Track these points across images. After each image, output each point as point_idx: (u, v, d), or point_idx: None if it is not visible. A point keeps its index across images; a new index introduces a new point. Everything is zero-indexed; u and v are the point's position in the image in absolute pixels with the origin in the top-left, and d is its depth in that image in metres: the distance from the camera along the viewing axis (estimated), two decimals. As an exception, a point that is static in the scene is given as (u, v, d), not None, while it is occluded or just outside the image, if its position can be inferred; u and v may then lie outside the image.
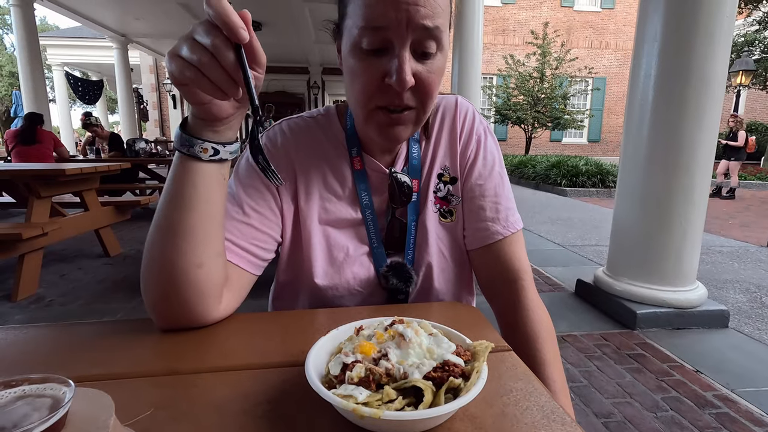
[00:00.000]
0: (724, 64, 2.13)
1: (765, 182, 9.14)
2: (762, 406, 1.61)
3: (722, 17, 2.06)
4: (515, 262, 0.65)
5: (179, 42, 0.42)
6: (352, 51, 0.54)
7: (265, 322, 0.59)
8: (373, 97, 0.55)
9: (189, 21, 8.74)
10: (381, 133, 0.58)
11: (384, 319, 0.45)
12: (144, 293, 0.52)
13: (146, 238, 0.52)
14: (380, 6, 0.50)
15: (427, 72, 0.53)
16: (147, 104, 14.60)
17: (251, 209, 0.61)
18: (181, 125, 0.48)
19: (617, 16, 15.91)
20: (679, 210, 2.23)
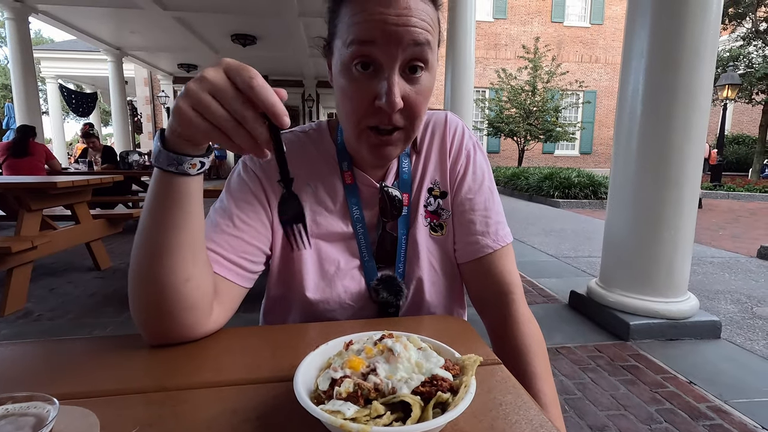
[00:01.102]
0: (710, 79, 2.19)
1: (753, 193, 9.28)
2: (755, 417, 1.61)
3: (707, 33, 2.11)
4: (505, 275, 0.66)
5: (196, 96, 0.40)
6: (342, 70, 0.55)
7: (256, 337, 0.59)
8: (363, 118, 0.56)
9: (185, 35, 8.81)
10: (372, 152, 0.59)
11: (373, 334, 0.45)
12: (132, 310, 0.52)
13: (131, 258, 0.51)
14: (369, 27, 0.51)
15: (415, 93, 0.55)
16: (141, 117, 14.60)
17: (241, 222, 0.61)
18: (161, 142, 0.46)
19: (606, 31, 16.27)
20: (669, 221, 2.25)
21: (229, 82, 0.40)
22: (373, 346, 0.41)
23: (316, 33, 5.26)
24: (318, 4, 7.01)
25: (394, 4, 0.51)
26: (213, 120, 0.40)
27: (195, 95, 0.40)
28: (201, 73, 0.41)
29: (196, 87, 0.40)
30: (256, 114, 0.40)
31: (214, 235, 0.59)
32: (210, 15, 7.61)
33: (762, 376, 1.93)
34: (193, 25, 8.31)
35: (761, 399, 1.74)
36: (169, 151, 0.45)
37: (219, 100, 0.40)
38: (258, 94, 0.39)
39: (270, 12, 7.40)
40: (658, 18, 2.18)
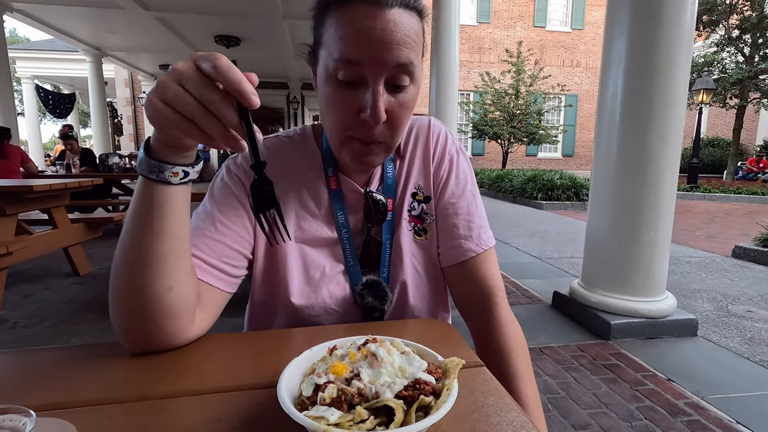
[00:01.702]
0: (685, 84, 2.25)
1: (728, 194, 9.57)
2: (730, 413, 1.66)
3: (681, 41, 2.18)
4: (488, 278, 0.67)
5: (164, 87, 0.40)
6: (327, 81, 0.55)
7: (239, 343, 0.58)
8: (347, 129, 0.57)
9: (167, 36, 8.68)
10: (355, 161, 0.60)
11: (357, 339, 0.45)
12: (113, 319, 0.51)
13: (112, 265, 0.50)
14: (355, 44, 0.51)
15: (398, 106, 0.55)
16: (121, 118, 14.31)
17: (224, 226, 0.61)
18: (145, 149, 0.46)
19: (586, 36, 16.62)
20: (648, 222, 2.31)
21: (195, 68, 0.40)
22: (356, 351, 0.41)
23: (300, 35, 5.31)
24: (302, 6, 7.01)
25: (380, 17, 0.51)
26: (180, 108, 0.40)
27: (163, 86, 0.40)
28: (171, 65, 0.41)
29: (164, 79, 0.40)
30: (223, 97, 0.39)
31: (196, 240, 0.59)
32: (193, 16, 7.52)
33: (736, 372, 2.00)
34: (175, 25, 8.19)
35: (736, 395, 1.79)
36: (152, 158, 0.45)
37: (186, 88, 0.39)
38: (222, 73, 0.38)
39: (254, 13, 7.34)
40: (635, 25, 2.24)
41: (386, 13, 0.51)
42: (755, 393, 1.81)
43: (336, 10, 0.53)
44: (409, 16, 0.53)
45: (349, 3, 0.52)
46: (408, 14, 0.53)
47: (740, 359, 2.13)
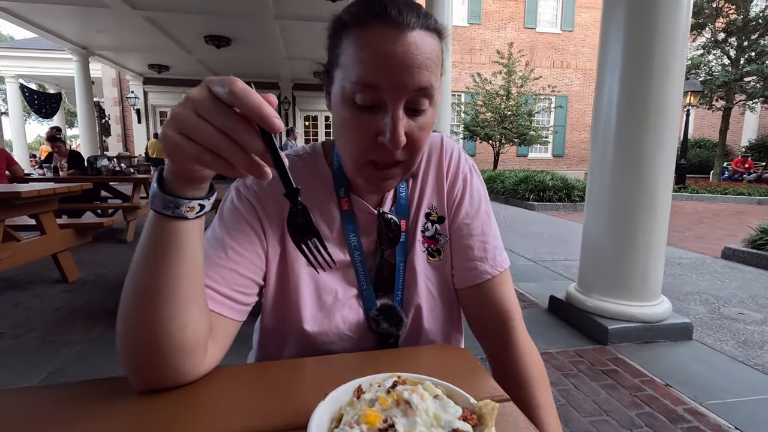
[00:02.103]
0: (679, 88, 2.27)
1: (715, 195, 9.73)
2: (728, 418, 1.67)
3: (676, 45, 2.19)
4: (504, 302, 0.65)
5: (180, 118, 0.37)
6: (344, 103, 0.53)
7: (252, 376, 0.56)
8: (364, 153, 0.55)
9: (156, 35, 8.56)
10: (371, 184, 0.58)
11: (383, 377, 0.43)
12: (122, 357, 0.48)
13: (121, 300, 0.47)
14: (375, 67, 0.49)
15: (418, 129, 0.54)
16: (109, 119, 14.09)
17: (235, 253, 0.58)
18: (158, 183, 0.43)
19: (576, 37, 16.76)
20: (643, 226, 2.33)
21: (211, 95, 0.37)
22: (386, 395, 0.39)
23: (292, 36, 5.28)
24: (293, 7, 6.96)
25: (401, 40, 0.49)
26: (201, 140, 0.37)
27: (178, 116, 0.37)
28: (187, 94, 0.38)
29: (179, 109, 0.37)
30: (246, 124, 0.37)
31: (207, 269, 0.56)
32: (182, 15, 7.41)
33: (732, 376, 2.02)
34: (164, 25, 8.07)
35: (733, 400, 1.81)
36: (166, 193, 0.42)
37: (204, 117, 0.37)
38: (239, 99, 0.36)
39: (245, 13, 7.27)
40: (630, 30, 2.26)
41: (407, 35, 0.49)
42: (752, 398, 1.83)
43: (354, 30, 0.51)
44: (429, 38, 0.51)
45: (368, 24, 0.50)
46: (429, 36, 0.51)
47: (735, 363, 2.15)
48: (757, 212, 7.98)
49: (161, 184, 0.43)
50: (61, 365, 2.02)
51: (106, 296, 2.99)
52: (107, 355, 2.11)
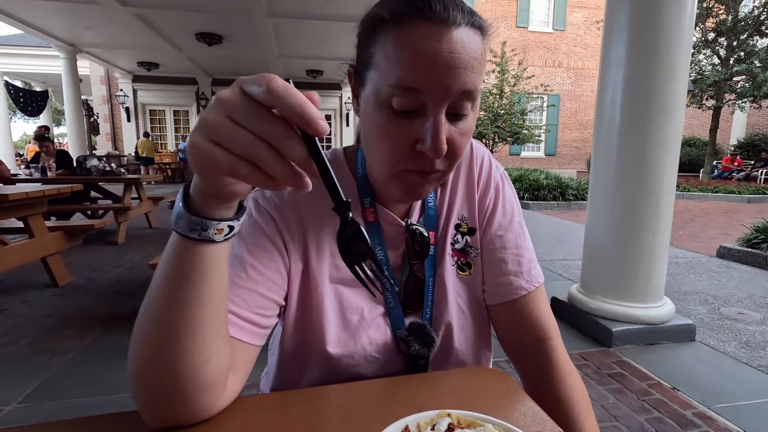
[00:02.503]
0: (683, 88, 2.25)
1: (705, 193, 9.84)
2: (737, 422, 1.66)
3: (680, 45, 2.18)
4: (541, 319, 0.61)
5: (211, 124, 0.32)
6: (378, 107, 0.48)
7: (275, 408, 0.51)
8: (401, 162, 0.49)
9: (146, 33, 8.40)
10: (406, 193, 0.52)
11: (429, 416, 0.39)
12: (134, 390, 0.43)
13: (135, 332, 0.42)
14: (417, 68, 0.44)
15: (459, 134, 0.48)
16: (98, 117, 13.84)
17: (256, 272, 0.53)
18: (183, 202, 0.38)
19: (568, 37, 16.84)
20: (648, 227, 2.31)
21: (245, 95, 0.32)
22: (442, 440, 0.35)
23: (285, 34, 5.20)
24: (287, 5, 6.87)
25: (446, 38, 0.44)
26: (236, 148, 0.31)
27: (209, 122, 0.32)
28: (217, 94, 0.32)
29: (209, 114, 0.32)
30: (287, 128, 0.31)
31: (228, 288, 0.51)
32: (173, 12, 7.28)
33: (738, 379, 2.01)
34: (154, 22, 7.92)
35: (741, 403, 1.80)
36: (192, 213, 0.37)
37: (239, 122, 0.31)
38: (279, 98, 0.30)
39: (237, 11, 7.16)
40: (634, 31, 2.23)
41: (452, 33, 0.44)
42: (760, 401, 1.82)
43: (393, 27, 0.46)
44: (475, 36, 0.46)
45: (409, 20, 0.44)
46: (474, 34, 0.46)
47: (740, 365, 2.15)
48: (747, 210, 8.07)
49: (186, 203, 0.38)
50: (53, 374, 1.95)
51: (99, 301, 2.90)
52: (102, 363, 2.04)
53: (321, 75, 13.04)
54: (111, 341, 2.29)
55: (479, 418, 0.39)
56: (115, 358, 2.10)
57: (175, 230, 0.38)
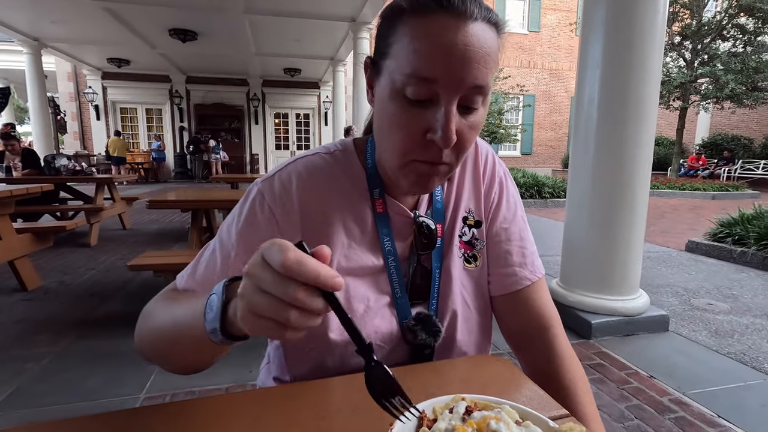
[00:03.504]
0: (656, 87, 2.34)
1: (674, 190, 10.25)
2: (711, 407, 1.74)
3: (654, 44, 2.26)
4: (544, 308, 0.63)
5: (250, 300, 0.35)
6: (393, 96, 0.49)
7: (288, 400, 0.50)
8: (412, 151, 0.51)
9: (116, 28, 8.13)
10: (415, 184, 0.54)
11: (445, 400, 0.40)
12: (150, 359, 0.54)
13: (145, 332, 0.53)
14: (433, 59, 0.45)
15: (468, 128, 0.50)
16: (65, 115, 13.29)
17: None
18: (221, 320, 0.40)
19: (542, 38, 17.21)
20: (624, 222, 2.39)
21: (268, 267, 0.35)
22: (463, 424, 0.35)
23: (262, 31, 5.14)
24: (264, 1, 6.77)
25: (463, 30, 0.45)
26: (273, 316, 0.35)
27: (248, 299, 0.35)
28: (247, 266, 0.36)
29: (246, 290, 0.36)
30: (306, 290, 0.34)
31: (220, 276, 0.55)
32: (144, 7, 7.07)
33: (710, 366, 2.10)
34: (125, 16, 7.68)
35: (713, 389, 1.88)
36: (226, 336, 0.41)
37: (267, 290, 0.35)
38: (294, 272, 0.33)
39: (212, 7, 7.02)
40: (609, 31, 2.30)
41: (469, 26, 0.45)
42: (730, 386, 1.91)
43: (411, 18, 0.47)
44: (490, 31, 0.47)
45: (428, 11, 0.46)
46: (490, 30, 0.47)
47: (711, 352, 2.25)
48: (711, 206, 8.44)
49: (224, 322, 0.41)
50: (26, 381, 1.87)
51: (72, 305, 2.79)
52: (78, 369, 1.97)
53: (299, 73, 12.91)
54: (87, 346, 2.21)
55: (493, 401, 0.40)
56: (92, 362, 2.02)
57: (206, 330, 0.41)
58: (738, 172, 13.07)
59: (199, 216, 3.14)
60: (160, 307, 0.54)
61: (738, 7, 10.73)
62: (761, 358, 2.18)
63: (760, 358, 2.18)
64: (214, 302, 0.41)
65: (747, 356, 2.20)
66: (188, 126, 14.19)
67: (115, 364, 2.00)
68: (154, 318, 0.53)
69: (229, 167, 13.76)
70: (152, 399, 1.76)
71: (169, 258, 2.33)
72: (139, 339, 0.54)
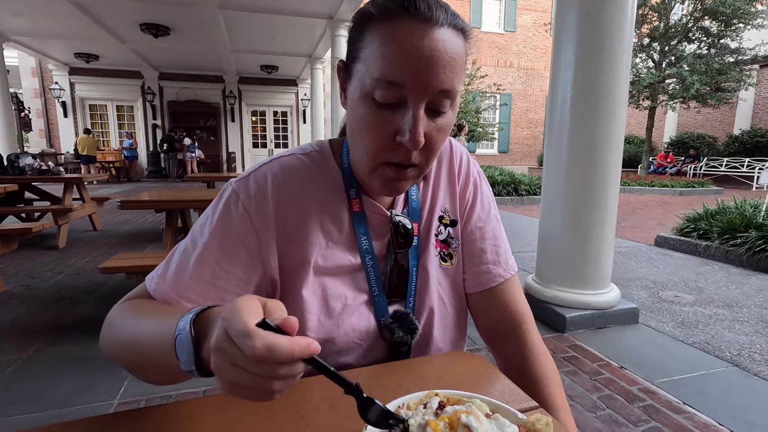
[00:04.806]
0: (626, 88, 2.42)
1: (644, 187, 10.62)
2: (677, 395, 1.82)
3: (623, 46, 2.34)
4: (518, 305, 0.65)
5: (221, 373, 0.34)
6: (363, 100, 0.50)
7: (262, 402, 0.50)
8: (382, 153, 0.52)
9: (83, 21, 7.84)
10: (386, 186, 0.55)
11: (419, 396, 0.41)
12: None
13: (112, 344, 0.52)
14: (400, 64, 0.47)
15: (437, 130, 0.51)
16: (29, 112, 12.74)
17: (222, 270, 0.55)
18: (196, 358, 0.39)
19: (518, 38, 17.51)
20: (595, 219, 2.47)
21: (238, 348, 0.33)
22: (436, 419, 0.36)
23: (237, 27, 5.05)
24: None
25: (429, 36, 0.46)
26: (253, 387, 0.34)
27: (223, 372, 0.34)
28: (213, 341, 0.34)
29: (217, 364, 0.34)
30: (290, 367, 0.34)
31: (192, 282, 0.54)
32: (114, 0, 6.84)
33: (676, 355, 2.19)
34: (93, 10, 7.41)
35: (679, 377, 1.97)
36: (204, 373, 0.39)
37: (244, 368, 0.33)
38: (269, 363, 0.32)
39: (185, 1, 6.85)
40: (581, 32, 2.37)
41: (435, 32, 0.47)
42: (694, 374, 2.00)
43: (379, 24, 0.48)
44: (456, 37, 0.49)
45: (395, 18, 0.47)
46: (456, 36, 0.49)
47: (677, 342, 2.35)
48: (679, 203, 8.79)
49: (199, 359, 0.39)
50: (-10, 391, 1.79)
51: (40, 310, 2.69)
52: (47, 377, 1.90)
53: (276, 71, 12.75)
54: (56, 352, 2.13)
55: (465, 396, 0.41)
56: (62, 369, 1.96)
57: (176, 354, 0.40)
58: (703, 169, 13.64)
59: (173, 216, 3.07)
60: (126, 318, 0.52)
61: (702, 11, 11.17)
62: (723, 346, 2.30)
63: (722, 346, 2.30)
64: (184, 344, 0.39)
65: (710, 345, 2.31)
66: (162, 123, 13.82)
67: (87, 371, 1.94)
68: (122, 329, 0.51)
69: (205, 166, 13.48)
70: (127, 405, 1.71)
71: (143, 260, 2.27)
72: (105, 346, 0.53)
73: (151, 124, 13.64)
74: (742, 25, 11.12)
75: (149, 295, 0.56)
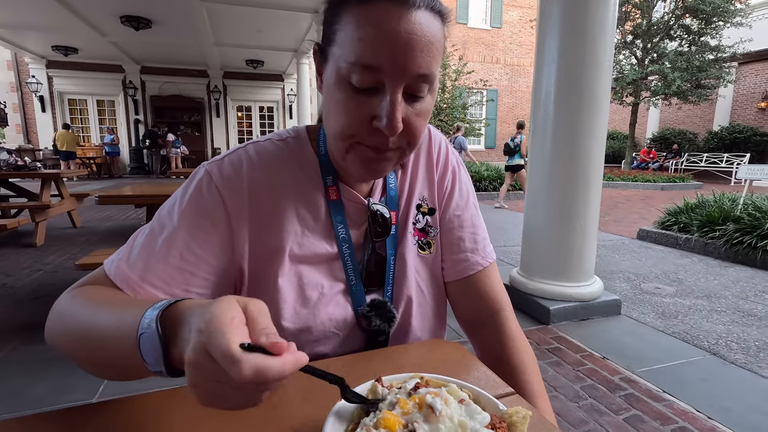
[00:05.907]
0: (608, 83, 2.45)
1: (627, 182, 10.80)
2: (656, 383, 1.85)
3: (605, 43, 2.36)
4: (495, 292, 0.65)
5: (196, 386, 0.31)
6: (338, 84, 0.49)
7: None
8: (357, 136, 0.50)
9: (61, 13, 7.61)
10: (363, 166, 0.53)
11: (403, 377, 0.40)
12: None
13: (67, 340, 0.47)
14: (376, 47, 0.45)
15: (416, 115, 0.50)
16: (5, 106, 12.36)
17: (191, 254, 0.53)
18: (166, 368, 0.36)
19: (504, 34, 17.59)
20: (578, 213, 2.49)
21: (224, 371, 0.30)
22: (407, 398, 0.36)
23: (220, 21, 4.95)
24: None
25: (406, 19, 0.45)
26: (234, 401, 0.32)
27: (203, 388, 0.31)
28: (188, 356, 0.31)
29: (194, 379, 0.31)
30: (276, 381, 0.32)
31: (158, 265, 0.51)
32: (93, -9, 6.67)
33: (656, 345, 2.24)
34: (71, 1, 7.19)
35: (659, 366, 2.01)
36: (174, 373, 0.36)
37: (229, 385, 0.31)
38: (259, 384, 0.30)
39: (168, -7, 6.70)
40: (565, 28, 2.38)
41: (412, 14, 0.45)
42: (674, 363, 2.04)
43: (355, 5, 0.46)
44: (434, 20, 0.47)
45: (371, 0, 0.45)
46: (434, 18, 0.47)
47: (658, 333, 2.40)
48: (661, 197, 8.96)
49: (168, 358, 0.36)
50: (-37, 392, 1.74)
51: (16, 309, 2.62)
52: (23, 377, 1.85)
53: (262, 65, 12.59)
54: (32, 351, 2.08)
55: (445, 380, 0.40)
56: (38, 369, 1.91)
57: (141, 352, 0.37)
58: (684, 164, 13.92)
59: (154, 211, 3.01)
60: (79, 308, 0.47)
61: (684, 8, 11.37)
62: (701, 336, 2.35)
63: (700, 336, 2.35)
64: (150, 344, 0.36)
65: (689, 335, 2.36)
66: (144, 119, 13.54)
67: (65, 370, 1.89)
68: (74, 320, 0.47)
69: (189, 162, 13.27)
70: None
71: (123, 256, 2.22)
72: (53, 338, 0.49)
73: (133, 119, 13.36)
74: (722, 23, 11.35)
75: (105, 282, 0.52)
